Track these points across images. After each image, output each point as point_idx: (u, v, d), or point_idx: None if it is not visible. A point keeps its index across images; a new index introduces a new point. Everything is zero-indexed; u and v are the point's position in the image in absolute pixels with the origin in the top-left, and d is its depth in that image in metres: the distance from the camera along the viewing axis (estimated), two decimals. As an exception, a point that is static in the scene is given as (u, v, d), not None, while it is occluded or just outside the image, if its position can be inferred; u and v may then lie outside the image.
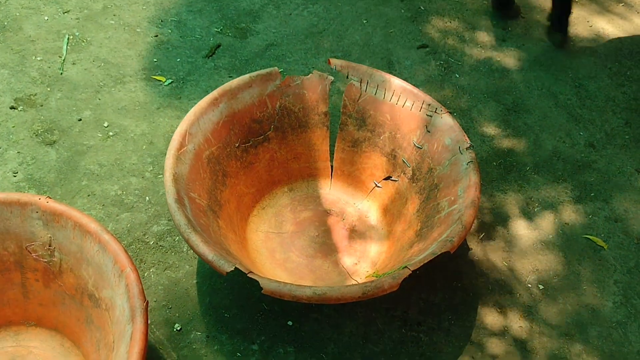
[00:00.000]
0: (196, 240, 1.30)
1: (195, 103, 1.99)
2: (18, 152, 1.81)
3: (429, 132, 1.63)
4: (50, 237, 1.34)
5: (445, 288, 1.61)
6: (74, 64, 2.09)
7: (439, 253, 1.31)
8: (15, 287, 1.40)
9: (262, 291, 1.24)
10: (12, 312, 1.42)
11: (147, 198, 1.75)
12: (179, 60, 2.16)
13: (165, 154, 1.84)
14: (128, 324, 1.16)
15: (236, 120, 1.67)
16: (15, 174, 1.76)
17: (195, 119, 1.56)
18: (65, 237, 1.32)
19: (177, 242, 1.66)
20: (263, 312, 1.54)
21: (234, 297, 1.56)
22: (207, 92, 2.03)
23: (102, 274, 1.29)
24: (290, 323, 1.52)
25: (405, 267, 1.29)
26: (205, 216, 1.45)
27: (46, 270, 1.37)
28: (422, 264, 1.29)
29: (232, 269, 1.24)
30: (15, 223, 1.34)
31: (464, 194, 1.45)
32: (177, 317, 1.51)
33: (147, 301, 1.19)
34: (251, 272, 1.26)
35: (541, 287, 1.64)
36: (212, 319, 1.51)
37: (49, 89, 2.00)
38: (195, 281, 1.58)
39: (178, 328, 1.49)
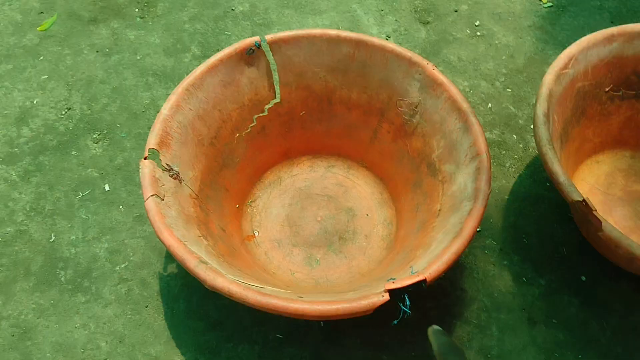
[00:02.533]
0: (552, 157, 1.30)
1: (567, 35, 1.94)
2: (396, 20, 1.98)
3: None
4: (420, 100, 1.46)
5: None
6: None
7: None
8: (368, 130, 1.58)
9: (599, 233, 1.22)
10: (355, 149, 1.63)
11: (489, 105, 1.79)
12: (566, -13, 2.08)
13: (522, 73, 1.86)
14: (467, 201, 1.25)
15: (619, 65, 1.57)
16: (388, 38, 1.93)
17: (586, 48, 1.51)
18: (433, 105, 1.43)
19: (502, 156, 1.69)
20: (560, 255, 1.52)
21: (536, 228, 1.56)
22: (581, 29, 1.95)
23: (452, 150, 1.38)
24: (583, 278, 1.48)
25: None
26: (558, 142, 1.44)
27: (401, 127, 1.51)
28: None
29: (581, 199, 1.23)
30: (397, 76, 1.48)
31: None
32: (480, 220, 1.58)
33: (491, 189, 1.26)
34: (596, 210, 1.23)
35: None
36: (510, 236, 1.55)
37: (437, -26, 2.10)
38: (506, 197, 1.62)
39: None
